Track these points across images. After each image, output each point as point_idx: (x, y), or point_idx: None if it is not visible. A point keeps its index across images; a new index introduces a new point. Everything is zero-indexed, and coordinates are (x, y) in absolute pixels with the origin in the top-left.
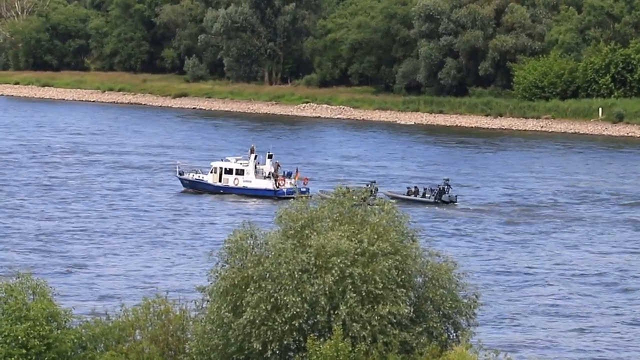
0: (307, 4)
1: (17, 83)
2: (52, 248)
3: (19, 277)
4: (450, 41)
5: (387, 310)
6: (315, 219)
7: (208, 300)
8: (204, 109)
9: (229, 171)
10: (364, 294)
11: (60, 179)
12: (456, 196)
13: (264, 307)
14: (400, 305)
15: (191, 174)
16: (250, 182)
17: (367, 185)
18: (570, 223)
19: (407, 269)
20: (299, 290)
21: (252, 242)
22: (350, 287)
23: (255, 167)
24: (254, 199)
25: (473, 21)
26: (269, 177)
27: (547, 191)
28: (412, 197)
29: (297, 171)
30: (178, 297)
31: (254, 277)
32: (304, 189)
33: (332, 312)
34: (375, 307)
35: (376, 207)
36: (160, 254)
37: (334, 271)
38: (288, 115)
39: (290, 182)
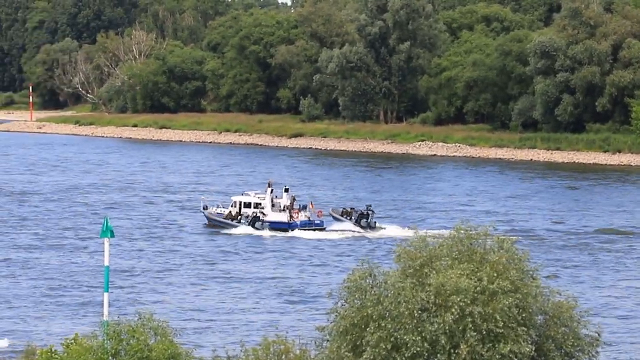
0: (421, 42)
1: (135, 125)
2: (134, 287)
3: (140, 318)
4: (567, 77)
5: (509, 349)
6: (434, 258)
7: (328, 340)
8: (320, 149)
9: (248, 205)
10: (484, 332)
11: (126, 218)
12: (375, 222)
13: (384, 347)
14: (521, 344)
15: (213, 208)
16: (267, 215)
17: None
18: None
19: (527, 307)
20: (419, 329)
21: (371, 281)
22: (471, 325)
23: (272, 201)
24: (269, 232)
25: (590, 57)
26: (284, 210)
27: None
28: (342, 217)
29: (311, 204)
30: (297, 337)
31: (374, 316)
32: (318, 221)
33: (452, 351)
34: (496, 345)
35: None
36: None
37: (453, 310)
38: (404, 153)
39: (305, 215)
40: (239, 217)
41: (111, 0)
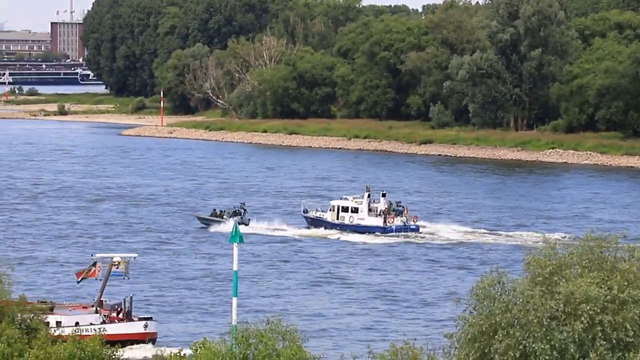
0: (553, 49)
1: (264, 131)
2: (249, 292)
3: (268, 323)
4: None
5: (639, 358)
6: (563, 266)
7: (456, 347)
8: (449, 156)
9: (345, 209)
10: (614, 341)
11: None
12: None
13: (512, 355)
14: None
15: (312, 212)
16: (363, 219)
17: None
18: None
19: None
20: (548, 337)
21: (499, 288)
22: (600, 334)
23: (369, 205)
24: (365, 236)
25: None
26: (380, 214)
27: None
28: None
29: (406, 210)
30: (425, 343)
31: (502, 324)
32: (414, 227)
33: (581, 359)
34: (626, 355)
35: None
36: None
37: (583, 318)
38: (534, 161)
39: (401, 220)
40: (223, 215)
41: (242, 6)
